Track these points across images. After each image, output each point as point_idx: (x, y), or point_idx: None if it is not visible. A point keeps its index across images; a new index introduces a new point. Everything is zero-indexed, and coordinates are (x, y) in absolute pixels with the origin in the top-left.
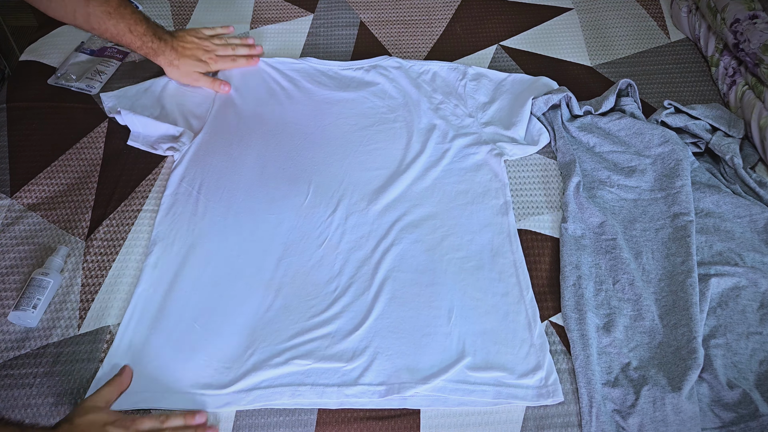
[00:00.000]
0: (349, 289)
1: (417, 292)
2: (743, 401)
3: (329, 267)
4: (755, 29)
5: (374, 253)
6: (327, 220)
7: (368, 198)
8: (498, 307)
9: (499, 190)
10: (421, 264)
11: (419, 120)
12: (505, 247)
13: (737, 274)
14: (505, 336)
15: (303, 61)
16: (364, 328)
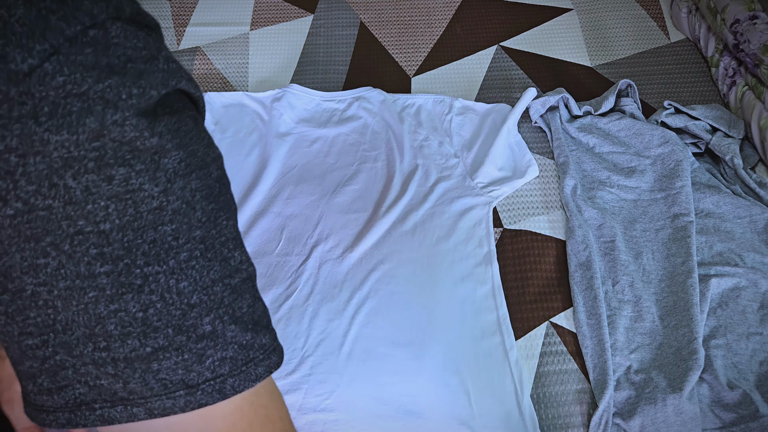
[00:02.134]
0: (319, 347)
1: (392, 353)
2: (743, 402)
3: (297, 321)
4: (755, 30)
5: (348, 305)
6: (298, 269)
7: (344, 245)
8: (480, 369)
9: (483, 238)
10: (397, 320)
11: (402, 159)
12: (488, 302)
13: (737, 274)
14: (491, 405)
15: (285, 90)
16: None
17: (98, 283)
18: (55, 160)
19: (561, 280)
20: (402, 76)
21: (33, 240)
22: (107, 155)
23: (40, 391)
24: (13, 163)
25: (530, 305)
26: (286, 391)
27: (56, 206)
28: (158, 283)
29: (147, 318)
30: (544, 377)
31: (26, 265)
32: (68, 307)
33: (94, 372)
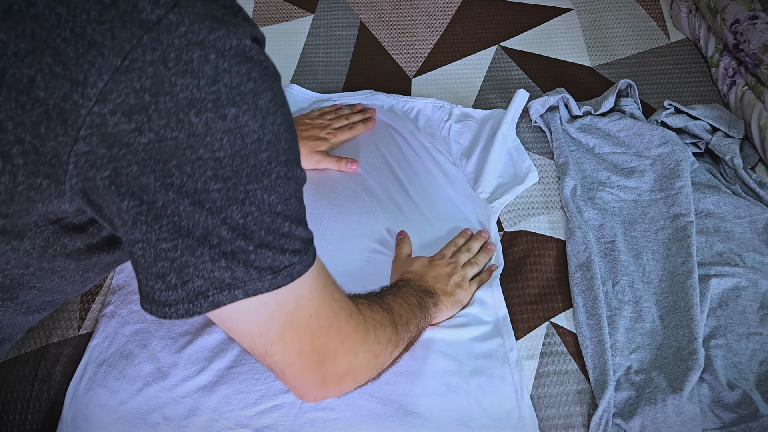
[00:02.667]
0: None
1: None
2: (743, 402)
3: None
4: (755, 30)
5: None
6: None
7: (346, 247)
8: (480, 370)
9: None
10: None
11: (406, 163)
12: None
13: (737, 274)
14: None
15: (286, 89)
16: None
17: (211, 197)
18: (180, 100)
19: (561, 280)
20: (402, 77)
21: (161, 163)
22: (222, 97)
23: (168, 287)
24: (147, 101)
25: (530, 306)
26: (287, 389)
27: (181, 138)
28: (255, 197)
29: (246, 224)
30: (544, 377)
31: (158, 183)
32: (191, 216)
33: (210, 267)
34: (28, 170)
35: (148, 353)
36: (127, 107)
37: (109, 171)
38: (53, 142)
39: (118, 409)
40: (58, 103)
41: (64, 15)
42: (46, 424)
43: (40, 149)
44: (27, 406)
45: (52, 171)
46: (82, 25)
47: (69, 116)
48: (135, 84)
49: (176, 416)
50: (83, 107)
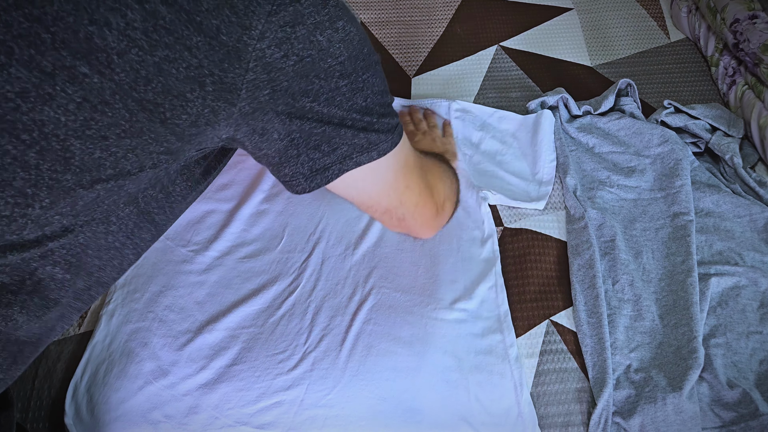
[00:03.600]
0: (321, 342)
1: (393, 349)
2: (743, 401)
3: (300, 317)
4: (755, 29)
5: (350, 302)
6: (301, 265)
7: (347, 242)
8: (480, 366)
9: (486, 237)
10: (399, 317)
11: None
12: (490, 300)
13: (737, 273)
14: (490, 402)
15: None
16: (336, 392)
17: (341, 91)
18: (308, 26)
19: (561, 279)
20: (402, 76)
21: (303, 76)
22: (332, 16)
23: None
24: (288, 32)
25: (531, 303)
26: (288, 386)
27: (314, 54)
28: (369, 83)
29: (368, 104)
30: (544, 375)
31: (302, 89)
32: (330, 107)
33: (350, 135)
34: (214, 95)
35: (149, 351)
36: (277, 40)
37: (268, 90)
38: (232, 73)
39: (118, 407)
40: (234, 44)
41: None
42: (47, 422)
43: (224, 79)
44: (28, 405)
45: (230, 96)
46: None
47: (242, 53)
48: (281, 21)
49: (177, 414)
50: (250, 45)
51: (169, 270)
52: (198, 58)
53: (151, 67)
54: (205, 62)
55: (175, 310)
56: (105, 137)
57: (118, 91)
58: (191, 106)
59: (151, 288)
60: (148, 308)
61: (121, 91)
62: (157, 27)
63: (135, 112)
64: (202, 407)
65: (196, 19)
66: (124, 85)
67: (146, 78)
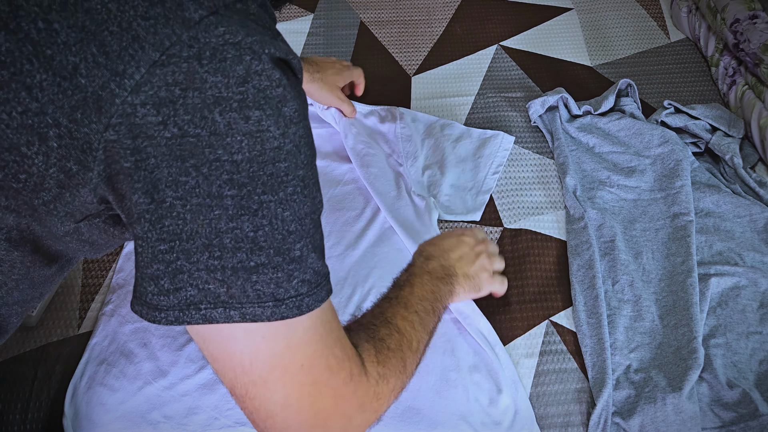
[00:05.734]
0: None
1: None
2: (743, 401)
3: None
4: (755, 29)
5: (349, 302)
6: None
7: (346, 242)
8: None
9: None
10: None
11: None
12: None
13: (737, 273)
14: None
15: None
16: None
17: (224, 204)
18: (208, 97)
19: (561, 279)
20: (402, 76)
21: (180, 160)
22: (248, 99)
23: (160, 291)
24: (176, 95)
25: (530, 304)
26: None
27: (203, 135)
28: (269, 210)
29: (256, 238)
30: (543, 376)
31: (170, 180)
32: (195, 220)
33: (204, 277)
34: (61, 153)
35: (148, 352)
36: (158, 99)
37: (130, 162)
38: (86, 128)
39: (118, 407)
40: (96, 91)
41: (113, 10)
42: (46, 424)
43: (74, 134)
44: (27, 406)
45: (83, 156)
46: (129, 20)
47: (104, 104)
48: (168, 78)
49: (176, 414)
50: (118, 96)
51: None
52: (39, 101)
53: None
54: (50, 108)
55: None
56: None
57: None
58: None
59: None
60: None
61: None
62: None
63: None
64: (202, 408)
65: (46, 52)
66: None
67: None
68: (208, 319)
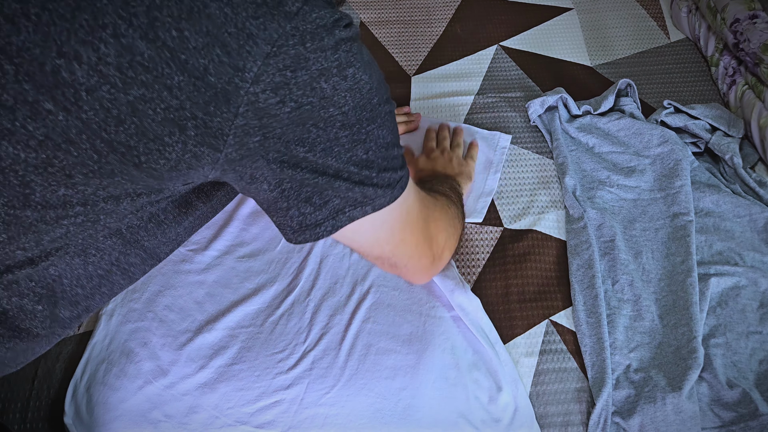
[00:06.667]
0: (321, 341)
1: (392, 347)
2: (743, 401)
3: (299, 316)
4: (755, 29)
5: (349, 300)
6: (300, 265)
7: None
8: (478, 365)
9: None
10: (398, 315)
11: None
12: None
13: (737, 273)
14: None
15: None
16: (335, 390)
17: (341, 141)
18: (313, 72)
19: (561, 279)
20: (402, 75)
21: (300, 125)
22: (342, 62)
23: (315, 208)
24: (288, 77)
25: (530, 303)
26: (288, 385)
27: (315, 102)
28: (373, 135)
29: (369, 157)
30: (543, 375)
31: (297, 138)
32: (326, 158)
33: (344, 187)
34: (197, 140)
35: (149, 351)
36: (274, 84)
37: (259, 136)
38: (219, 118)
39: (118, 406)
40: (224, 86)
41: (229, 14)
42: (46, 423)
43: (208, 124)
44: (27, 405)
45: (215, 141)
46: (243, 21)
47: (231, 96)
48: (280, 64)
49: (177, 414)
50: (242, 88)
51: (168, 270)
52: (179, 99)
53: (123, 107)
54: (188, 104)
55: (175, 309)
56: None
57: (85, 130)
58: (170, 150)
59: (150, 288)
60: (147, 308)
61: (89, 131)
62: (133, 63)
63: (104, 153)
64: (202, 407)
65: (181, 57)
66: (93, 125)
67: (118, 118)
68: (352, 218)
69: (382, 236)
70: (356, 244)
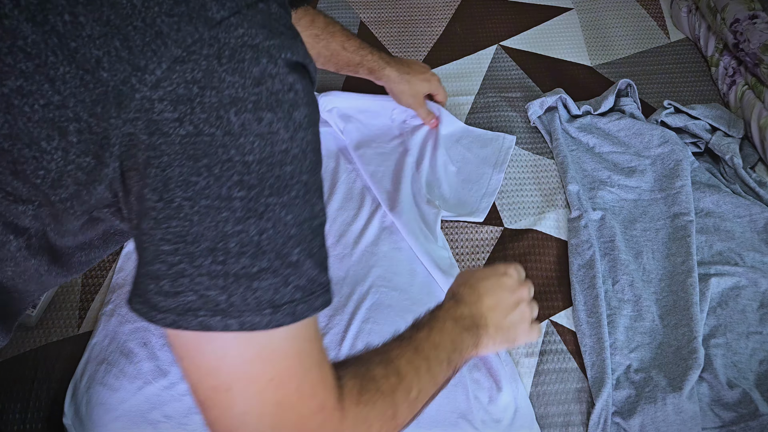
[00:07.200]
0: None
1: None
2: (743, 401)
3: None
4: (755, 29)
5: (348, 301)
6: None
7: (344, 241)
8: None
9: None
10: (398, 316)
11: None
12: None
13: (737, 273)
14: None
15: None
16: None
17: (232, 206)
18: (225, 97)
19: (561, 279)
20: None
21: (192, 159)
22: (262, 100)
23: (159, 291)
24: (194, 93)
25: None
26: None
27: (217, 135)
28: (274, 213)
29: (261, 241)
30: (543, 375)
31: (181, 179)
32: (202, 222)
33: (206, 283)
34: (80, 149)
35: (148, 351)
36: (176, 96)
37: (143, 158)
38: (106, 123)
39: (118, 407)
40: (117, 85)
41: (138, 6)
42: (46, 424)
43: (94, 128)
44: (27, 406)
45: (101, 152)
46: (153, 16)
47: (124, 99)
48: (188, 75)
49: (176, 414)
50: (138, 91)
51: None
52: (62, 94)
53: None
54: (71, 101)
55: None
56: None
57: None
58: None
59: None
60: None
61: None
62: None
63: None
64: None
65: (70, 44)
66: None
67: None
68: (204, 326)
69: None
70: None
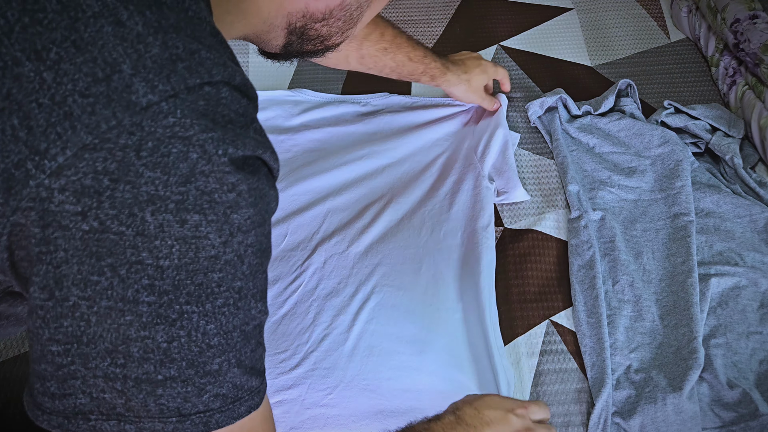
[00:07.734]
0: (323, 342)
1: (395, 349)
2: (743, 401)
3: (302, 316)
4: (755, 29)
5: (352, 301)
6: (303, 264)
7: (349, 238)
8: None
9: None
10: (401, 316)
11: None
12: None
13: (737, 273)
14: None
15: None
16: (337, 391)
17: (138, 310)
18: (141, 194)
19: (561, 279)
20: None
21: (95, 257)
22: (188, 201)
23: (45, 392)
24: (104, 185)
25: (531, 304)
26: (290, 386)
27: (128, 234)
28: (190, 321)
29: (169, 349)
30: (543, 375)
31: (79, 278)
32: (101, 323)
33: (101, 385)
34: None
35: None
36: (80, 187)
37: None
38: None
39: None
40: (8, 168)
41: (49, 80)
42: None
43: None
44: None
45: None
46: (64, 94)
47: (15, 184)
48: (98, 165)
49: None
50: (33, 178)
51: None
52: None
53: None
54: None
55: None
56: None
57: None
58: None
59: None
60: None
61: None
62: None
63: None
64: None
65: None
66: None
67: None
68: (98, 431)
69: None
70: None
